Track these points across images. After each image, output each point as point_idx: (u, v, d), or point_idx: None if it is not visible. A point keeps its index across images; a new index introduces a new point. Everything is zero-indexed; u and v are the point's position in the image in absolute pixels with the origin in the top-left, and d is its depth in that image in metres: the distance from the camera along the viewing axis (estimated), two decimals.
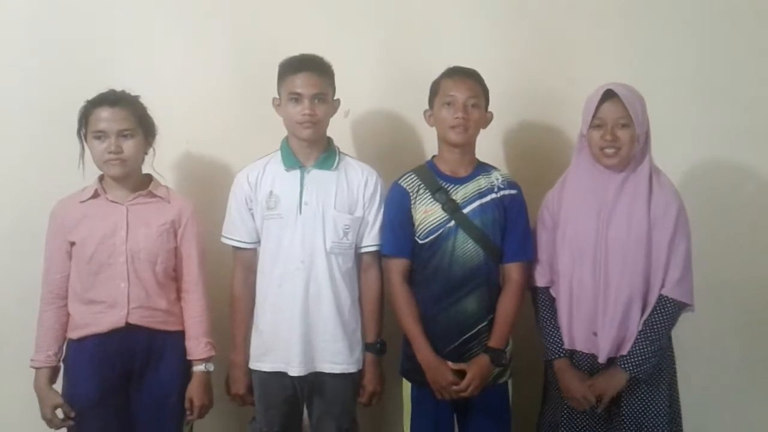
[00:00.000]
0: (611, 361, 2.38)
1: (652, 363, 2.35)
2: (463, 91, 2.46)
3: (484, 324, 2.50)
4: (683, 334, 2.49)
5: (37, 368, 2.42)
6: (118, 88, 2.43)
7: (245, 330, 2.53)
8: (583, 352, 2.43)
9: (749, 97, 2.89)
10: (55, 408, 2.40)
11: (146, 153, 2.49)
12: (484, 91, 2.52)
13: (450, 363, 2.45)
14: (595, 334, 2.39)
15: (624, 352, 2.36)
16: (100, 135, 2.38)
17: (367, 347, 2.55)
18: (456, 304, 2.49)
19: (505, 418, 2.56)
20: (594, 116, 2.37)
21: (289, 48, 2.52)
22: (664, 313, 2.35)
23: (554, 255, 2.48)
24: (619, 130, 2.35)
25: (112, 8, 2.81)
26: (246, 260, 2.55)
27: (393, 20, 2.88)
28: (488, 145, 2.68)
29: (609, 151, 2.36)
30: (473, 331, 2.49)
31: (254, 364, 2.51)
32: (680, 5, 2.89)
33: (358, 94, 2.76)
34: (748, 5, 2.89)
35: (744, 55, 2.88)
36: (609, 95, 2.35)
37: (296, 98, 2.43)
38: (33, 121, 2.76)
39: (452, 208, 2.48)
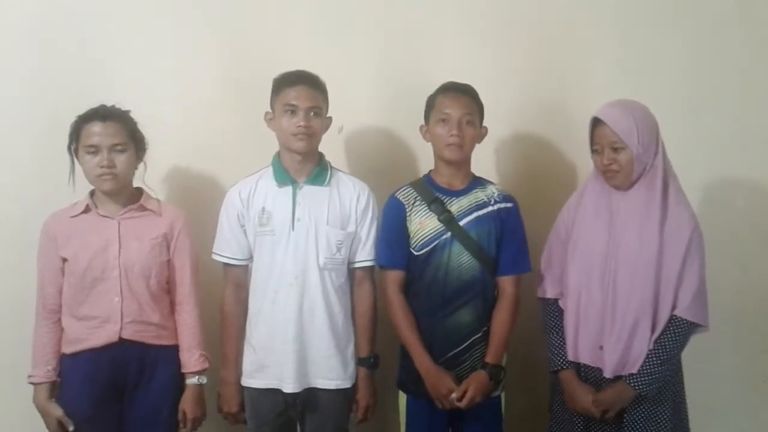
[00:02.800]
0: (617, 376, 2.37)
1: (660, 382, 2.35)
2: (457, 108, 2.46)
3: (478, 335, 2.50)
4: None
5: (36, 384, 2.41)
6: (109, 103, 2.42)
7: (237, 347, 2.52)
8: (589, 366, 2.42)
9: (740, 107, 2.88)
10: (59, 420, 2.40)
11: (137, 167, 2.48)
12: (479, 108, 2.51)
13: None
14: (601, 347, 2.38)
15: (633, 369, 2.34)
16: (92, 149, 2.38)
17: (360, 362, 2.54)
18: (451, 315, 2.49)
19: (497, 431, 2.57)
20: (591, 141, 2.38)
21: (284, 61, 2.51)
22: (676, 334, 2.34)
23: (565, 268, 2.47)
24: (614, 154, 2.35)
25: (106, 20, 2.78)
26: (237, 277, 2.54)
27: (388, 34, 2.86)
28: (485, 157, 2.66)
29: (609, 174, 2.37)
30: (467, 343, 2.49)
31: (246, 381, 2.50)
32: (673, 15, 2.88)
33: (353, 109, 2.75)
34: (737, 15, 2.88)
35: (734, 65, 2.88)
36: (598, 121, 2.35)
37: (292, 110, 2.42)
38: (27, 133, 2.74)
39: (448, 219, 2.48)
